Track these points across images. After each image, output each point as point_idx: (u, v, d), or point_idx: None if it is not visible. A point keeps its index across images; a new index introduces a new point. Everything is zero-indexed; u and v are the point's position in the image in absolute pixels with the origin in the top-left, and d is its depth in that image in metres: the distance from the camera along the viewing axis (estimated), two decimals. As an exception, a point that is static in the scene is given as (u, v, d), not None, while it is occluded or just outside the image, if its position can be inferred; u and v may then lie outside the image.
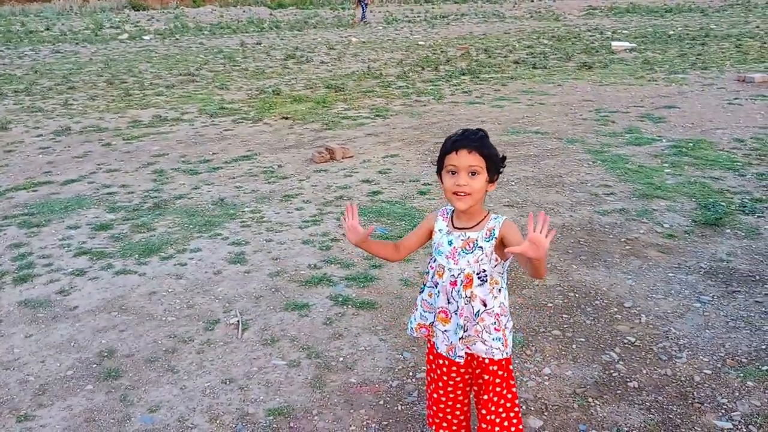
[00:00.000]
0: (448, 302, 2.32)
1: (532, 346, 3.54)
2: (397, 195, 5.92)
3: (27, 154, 7.89)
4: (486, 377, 2.41)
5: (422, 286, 2.45)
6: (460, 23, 25.41)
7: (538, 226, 1.94)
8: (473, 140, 2.21)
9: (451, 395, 2.51)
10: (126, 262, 4.74)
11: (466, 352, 2.37)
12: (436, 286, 2.34)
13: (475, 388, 2.48)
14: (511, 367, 2.44)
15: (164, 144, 8.18)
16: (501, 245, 2.25)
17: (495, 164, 2.24)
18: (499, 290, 2.35)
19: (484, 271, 2.28)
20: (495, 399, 2.42)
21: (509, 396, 2.44)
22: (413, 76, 12.93)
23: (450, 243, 2.29)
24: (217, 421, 3.03)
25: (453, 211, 2.34)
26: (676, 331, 3.64)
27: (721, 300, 3.98)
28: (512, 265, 3.46)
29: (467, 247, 2.27)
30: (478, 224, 2.29)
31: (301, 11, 33.92)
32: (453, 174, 2.20)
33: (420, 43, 18.80)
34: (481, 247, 2.27)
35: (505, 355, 2.37)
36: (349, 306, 4.03)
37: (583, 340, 3.61)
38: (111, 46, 19.97)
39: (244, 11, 32.89)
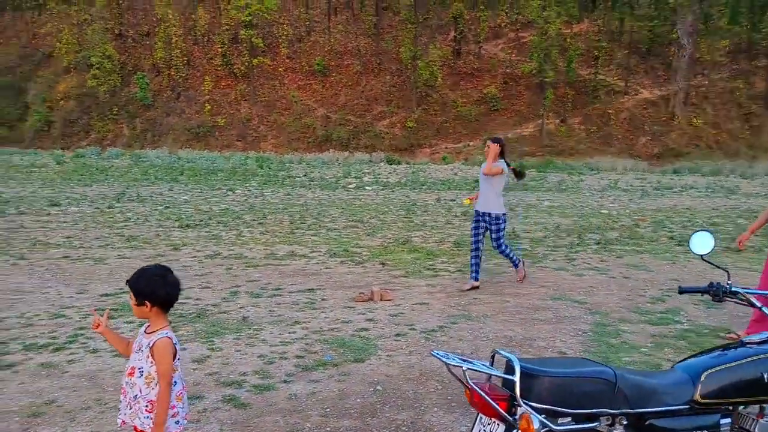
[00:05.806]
0: (125, 384, 3.50)
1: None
2: (378, 334, 6.90)
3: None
4: None
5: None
6: (677, 196, 24.70)
7: None
8: (130, 281, 3.47)
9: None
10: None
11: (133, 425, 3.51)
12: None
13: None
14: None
15: (267, 273, 10.04)
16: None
17: (145, 297, 3.44)
18: (156, 385, 3.46)
19: (141, 368, 3.45)
20: None
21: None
22: (548, 242, 13.55)
23: (138, 342, 3.51)
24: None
25: None
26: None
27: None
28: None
29: (139, 348, 3.48)
30: (154, 332, 3.50)
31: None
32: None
33: (603, 211, 19.10)
34: (143, 351, 3.46)
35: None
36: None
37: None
38: (335, 192, 23.25)
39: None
